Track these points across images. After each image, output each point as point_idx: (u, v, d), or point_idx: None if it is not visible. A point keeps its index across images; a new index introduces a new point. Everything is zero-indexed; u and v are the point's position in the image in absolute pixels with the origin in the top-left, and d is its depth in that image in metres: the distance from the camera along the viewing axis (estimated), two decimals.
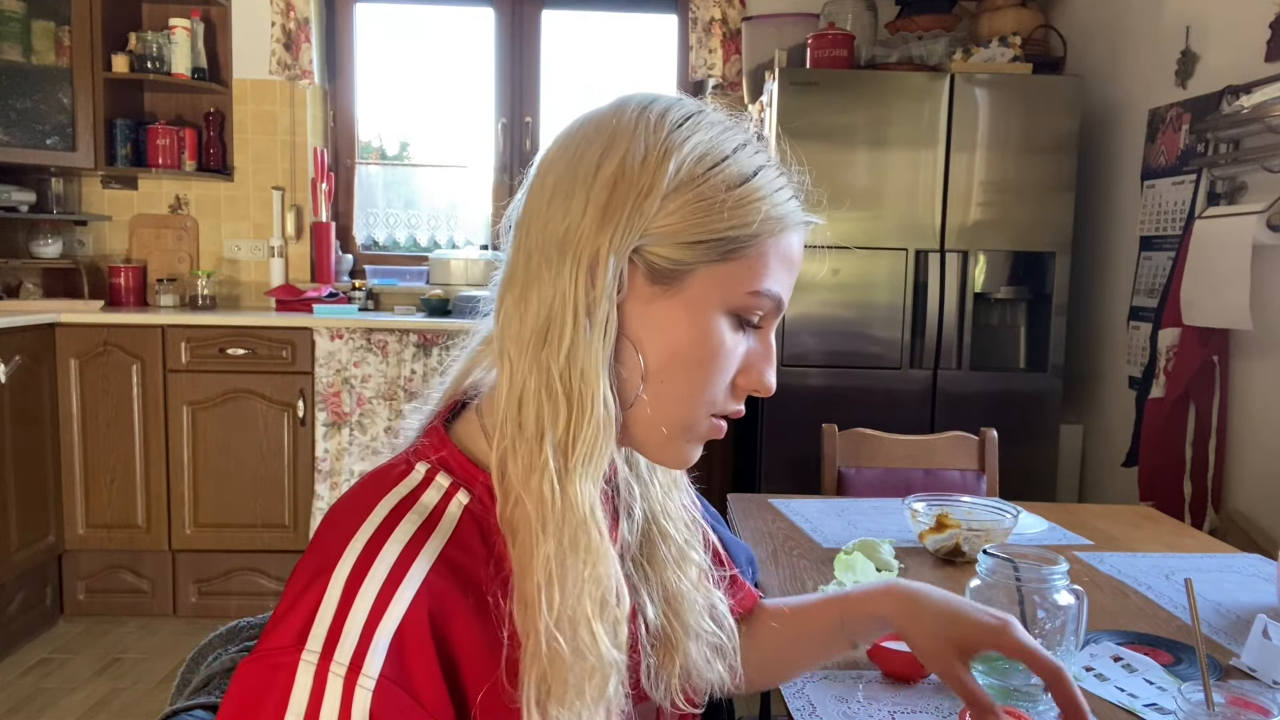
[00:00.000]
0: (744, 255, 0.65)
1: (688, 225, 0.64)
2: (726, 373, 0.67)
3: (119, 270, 3.46)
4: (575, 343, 0.63)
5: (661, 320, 0.65)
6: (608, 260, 0.63)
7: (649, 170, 0.64)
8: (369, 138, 3.90)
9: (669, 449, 0.69)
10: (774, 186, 0.68)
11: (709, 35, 3.57)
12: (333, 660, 0.55)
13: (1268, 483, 2.32)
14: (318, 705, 0.55)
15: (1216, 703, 0.79)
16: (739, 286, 0.65)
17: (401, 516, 0.62)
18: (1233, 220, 2.32)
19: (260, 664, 0.57)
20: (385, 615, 0.57)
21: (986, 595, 0.98)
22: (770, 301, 0.67)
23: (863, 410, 2.81)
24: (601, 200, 0.63)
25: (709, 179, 0.64)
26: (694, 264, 0.64)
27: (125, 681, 2.69)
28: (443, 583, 0.60)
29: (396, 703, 0.56)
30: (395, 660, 0.56)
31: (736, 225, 0.64)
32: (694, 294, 0.65)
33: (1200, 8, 2.63)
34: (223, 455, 3.13)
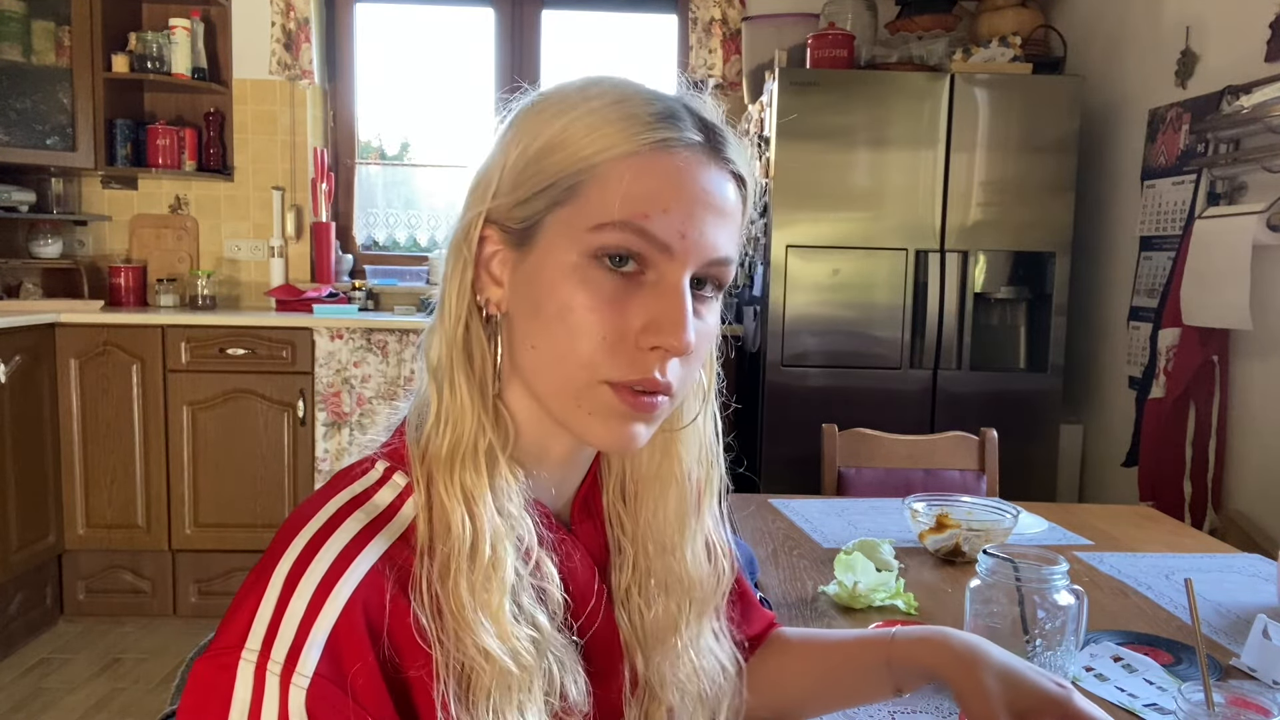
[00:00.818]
0: (587, 191, 0.60)
1: (524, 176, 0.61)
2: (594, 326, 0.59)
3: (119, 270, 3.46)
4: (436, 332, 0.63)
5: (522, 283, 0.62)
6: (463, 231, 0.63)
7: (500, 148, 0.64)
8: (369, 138, 3.90)
9: (576, 423, 0.62)
10: (612, 114, 0.60)
11: (709, 35, 3.57)
12: (269, 659, 0.55)
13: (1268, 483, 2.32)
14: (258, 705, 0.54)
15: (1216, 703, 0.79)
16: (583, 223, 0.59)
17: (348, 515, 0.60)
18: (1233, 220, 2.32)
19: (208, 663, 0.57)
20: (321, 614, 0.56)
21: (986, 595, 0.98)
22: (633, 235, 0.59)
23: (863, 410, 2.81)
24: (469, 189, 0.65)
25: (546, 128, 0.61)
26: (538, 214, 0.61)
27: (125, 681, 2.69)
28: (383, 581, 0.58)
29: (332, 701, 0.55)
30: (330, 658, 0.55)
31: (567, 161, 0.60)
32: (544, 246, 0.61)
33: (1200, 8, 2.63)
34: (223, 455, 3.13)
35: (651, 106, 0.61)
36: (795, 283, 2.88)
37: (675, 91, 0.64)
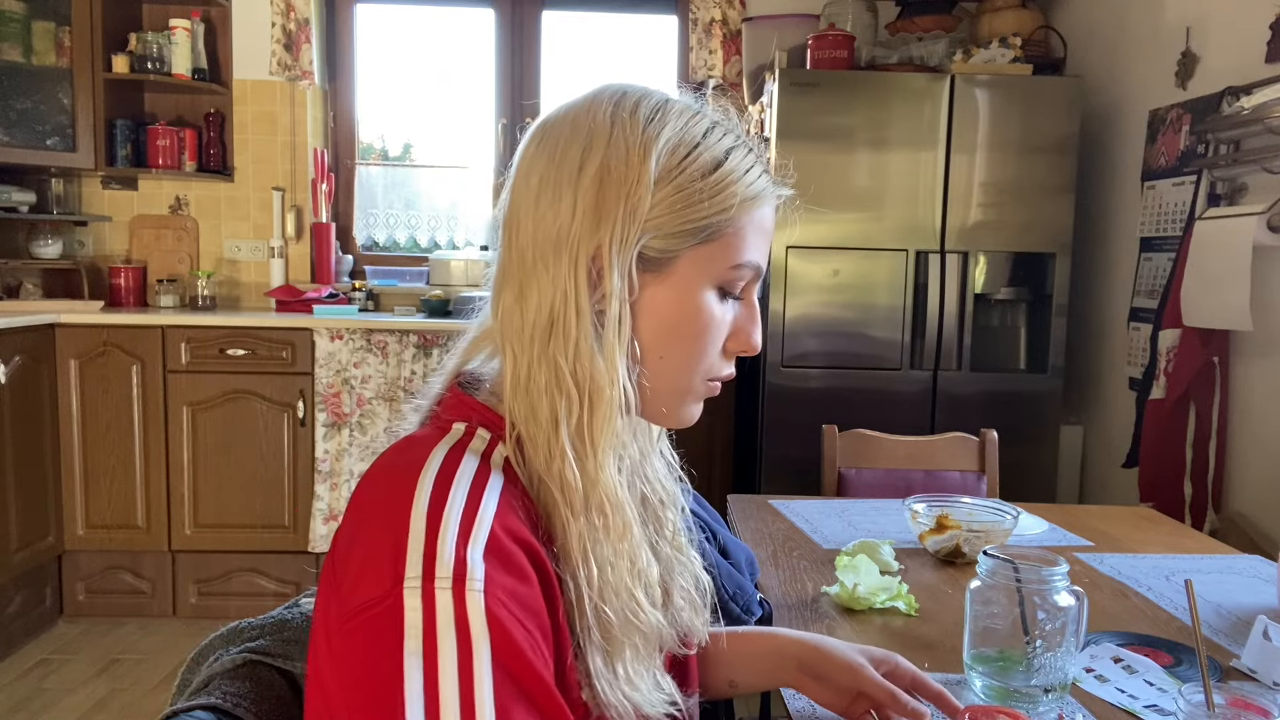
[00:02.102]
0: (723, 234, 0.70)
1: (672, 216, 0.68)
2: (718, 341, 0.73)
3: (119, 271, 3.46)
4: (581, 339, 0.67)
5: (654, 304, 0.70)
6: (610, 260, 0.66)
7: (633, 168, 0.67)
8: (370, 138, 3.90)
9: (672, 415, 0.75)
10: (744, 167, 0.71)
11: (709, 36, 3.57)
12: (436, 578, 0.57)
13: (1268, 484, 2.32)
14: (432, 621, 0.56)
15: (1217, 704, 0.79)
16: (722, 263, 0.70)
17: (462, 454, 0.65)
18: (1233, 221, 2.32)
19: (362, 618, 0.57)
20: (474, 533, 0.59)
21: (986, 596, 0.98)
22: (750, 271, 0.73)
23: (863, 411, 2.81)
24: (590, 200, 0.67)
25: (685, 169, 0.68)
26: (679, 250, 0.69)
27: (125, 682, 2.69)
28: (513, 508, 0.64)
29: (508, 603, 0.58)
30: (495, 565, 0.59)
31: (715, 210, 0.69)
32: (681, 276, 0.70)
33: (1200, 8, 2.63)
34: (223, 456, 3.13)
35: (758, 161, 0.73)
36: (795, 284, 2.88)
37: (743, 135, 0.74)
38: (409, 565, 0.57)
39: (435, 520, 0.59)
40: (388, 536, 0.59)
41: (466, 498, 0.61)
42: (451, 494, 0.61)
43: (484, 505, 0.61)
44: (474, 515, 0.60)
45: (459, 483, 0.62)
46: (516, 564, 0.60)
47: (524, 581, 0.60)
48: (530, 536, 0.63)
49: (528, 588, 0.60)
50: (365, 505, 0.63)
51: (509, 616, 0.58)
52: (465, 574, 0.57)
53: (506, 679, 0.56)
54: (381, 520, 0.60)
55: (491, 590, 0.57)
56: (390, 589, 0.57)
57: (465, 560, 0.57)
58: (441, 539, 0.58)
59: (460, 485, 0.62)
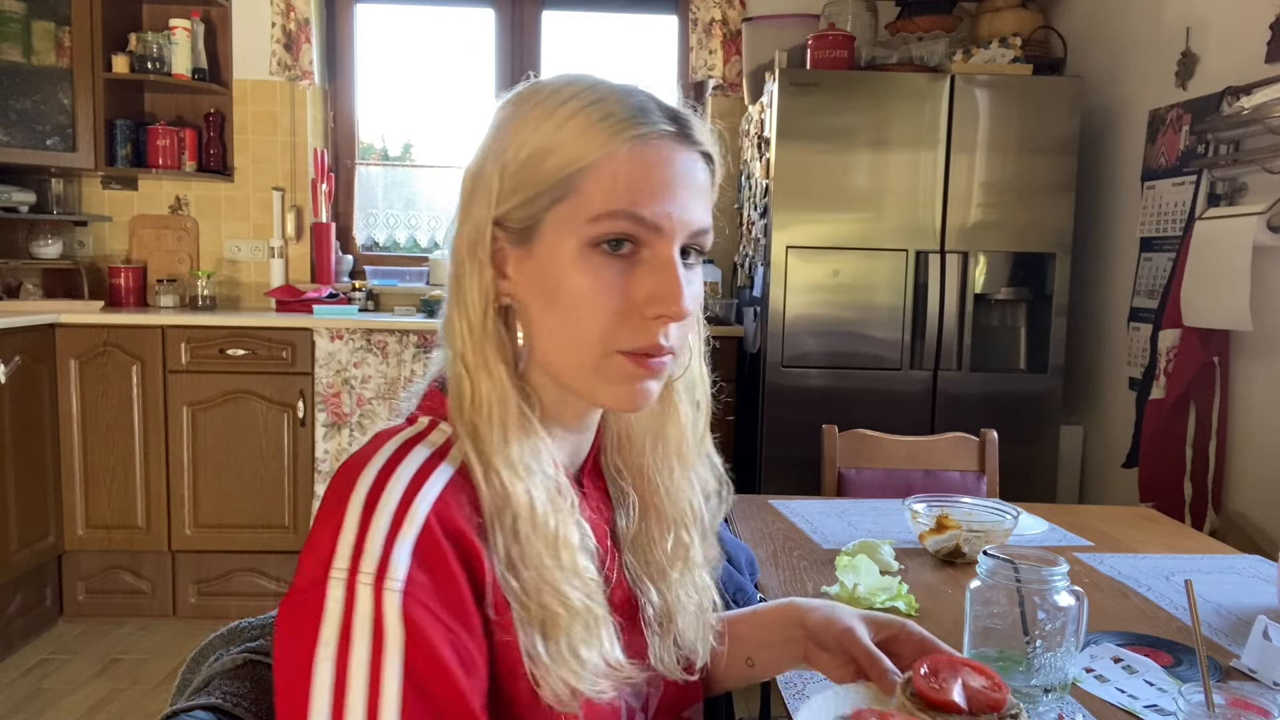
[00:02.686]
0: (581, 187, 0.66)
1: (524, 182, 0.68)
2: (604, 306, 0.67)
3: (119, 271, 3.46)
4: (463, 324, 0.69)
5: (531, 276, 0.69)
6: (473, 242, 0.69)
7: (495, 151, 0.69)
8: (370, 138, 3.90)
9: (595, 392, 0.70)
10: (594, 115, 0.67)
11: (709, 36, 3.57)
12: (359, 572, 0.58)
13: (1268, 484, 2.32)
14: (350, 614, 0.58)
15: (1217, 704, 0.79)
16: (582, 217, 0.66)
17: (412, 448, 0.66)
18: (1233, 221, 2.32)
19: (294, 600, 0.60)
20: (404, 526, 0.60)
21: (986, 596, 0.98)
22: (628, 221, 0.66)
23: (863, 411, 2.81)
24: (465, 196, 0.71)
25: (536, 134, 0.68)
26: (539, 214, 0.68)
27: (125, 682, 2.69)
28: (455, 502, 0.64)
29: (425, 602, 0.59)
30: (419, 565, 0.60)
31: (562, 164, 0.67)
32: (548, 241, 0.68)
33: (1200, 8, 2.63)
34: (222, 456, 3.13)
35: (627, 104, 0.68)
36: (795, 283, 2.88)
37: (641, 86, 0.71)
38: (337, 556, 0.59)
39: (369, 512, 0.61)
40: (328, 526, 0.61)
41: (404, 490, 0.62)
42: (390, 486, 0.62)
43: (421, 497, 0.62)
44: (408, 508, 0.61)
45: (399, 475, 0.63)
46: (443, 561, 0.61)
47: (449, 579, 0.61)
48: (466, 528, 0.63)
49: (453, 585, 0.61)
50: (327, 493, 0.65)
51: (426, 617, 0.59)
52: (387, 571, 0.58)
53: (413, 682, 0.58)
54: (326, 510, 0.62)
55: (411, 590, 0.59)
56: (320, 577, 0.59)
57: (390, 557, 0.59)
58: (371, 533, 0.60)
59: (400, 477, 0.63)
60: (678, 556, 0.80)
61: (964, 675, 0.74)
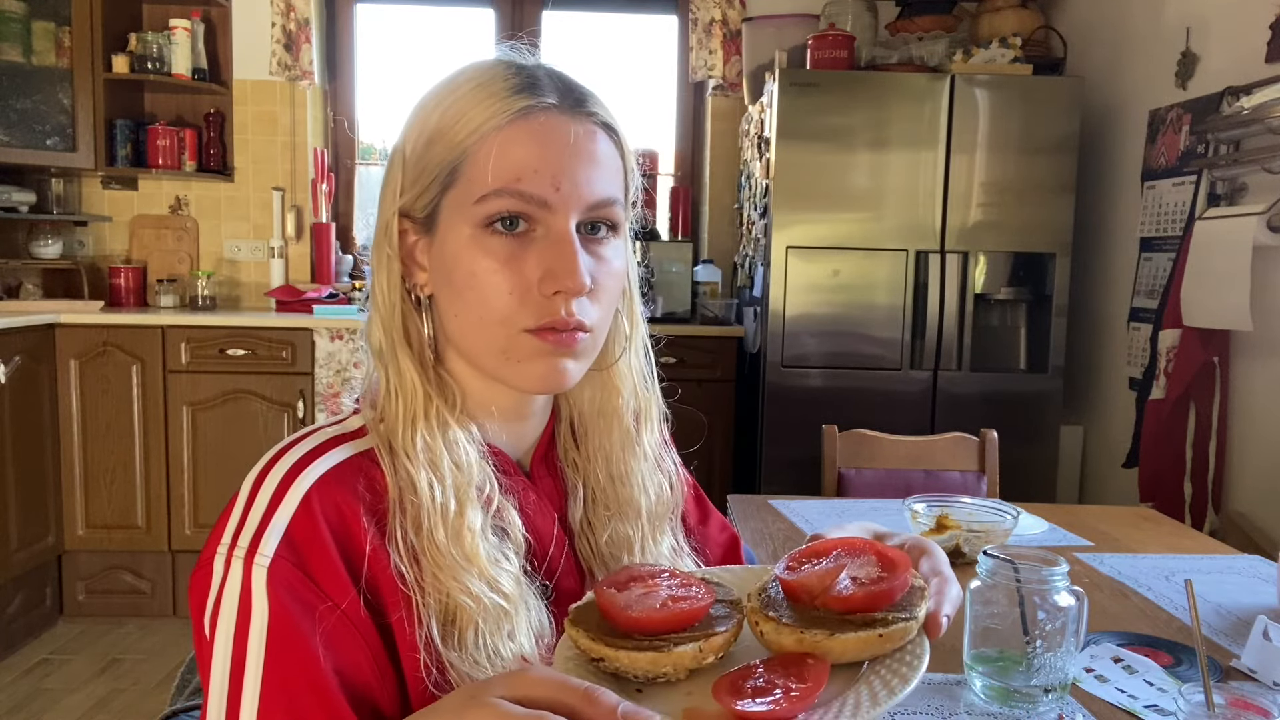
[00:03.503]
0: (466, 171, 0.67)
1: (422, 172, 0.69)
2: (500, 286, 0.66)
3: (119, 271, 3.46)
4: (372, 315, 0.71)
5: (435, 264, 0.70)
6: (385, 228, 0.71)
7: (398, 145, 0.71)
8: (370, 138, 3.90)
9: (507, 374, 0.70)
10: (473, 99, 0.67)
11: (709, 36, 3.57)
12: (235, 547, 0.62)
13: (1268, 484, 2.32)
14: (222, 585, 0.61)
15: (1217, 704, 0.79)
16: (469, 200, 0.66)
17: (315, 432, 0.69)
18: (1233, 221, 2.32)
19: (195, 573, 0.65)
20: (281, 505, 0.63)
21: (986, 596, 0.98)
22: (511, 198, 0.65)
23: (863, 411, 2.81)
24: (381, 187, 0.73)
25: (427, 124, 0.69)
26: (434, 201, 0.69)
27: (125, 682, 2.69)
28: (347, 480, 0.65)
29: (289, 579, 0.61)
30: (289, 543, 0.62)
31: (446, 150, 0.67)
32: (444, 227, 0.69)
33: (1200, 8, 2.63)
34: (222, 456, 3.13)
35: (509, 81, 0.67)
36: (795, 284, 2.88)
37: (533, 61, 0.71)
38: (225, 533, 0.63)
39: (255, 490, 0.64)
40: (231, 502, 0.65)
41: (290, 468, 0.64)
42: (277, 465, 0.65)
43: (306, 474, 0.64)
44: (289, 485, 0.63)
45: (292, 454, 0.66)
46: (316, 537, 0.62)
47: (321, 553, 0.62)
48: (349, 504, 0.64)
49: (325, 559, 0.62)
50: None
51: (291, 590, 0.60)
52: (257, 548, 0.61)
53: (274, 652, 0.59)
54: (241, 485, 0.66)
55: (278, 564, 0.61)
56: (211, 550, 0.63)
57: (263, 532, 0.62)
58: (253, 509, 0.63)
59: (291, 456, 0.65)
60: (622, 547, 0.79)
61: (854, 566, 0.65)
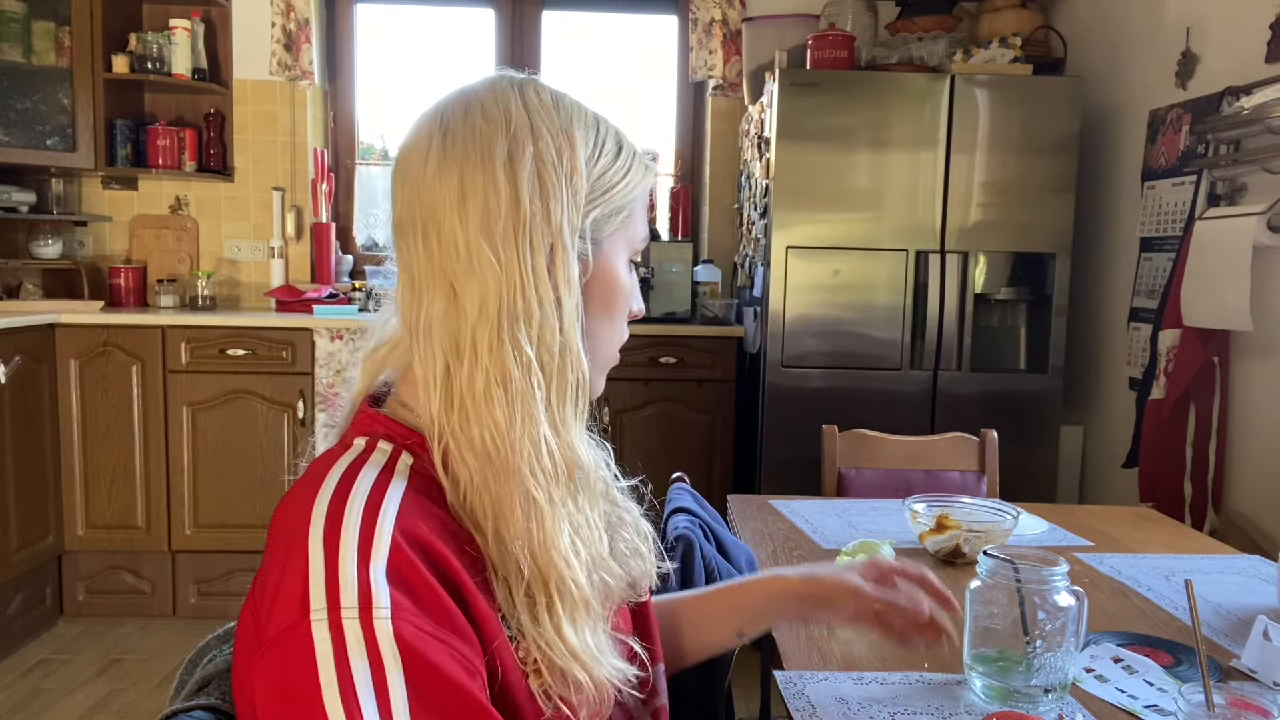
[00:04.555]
0: (631, 209, 0.77)
1: (601, 198, 0.74)
2: (627, 310, 0.79)
3: (119, 271, 3.46)
4: (545, 325, 0.68)
5: (592, 283, 0.74)
6: (564, 243, 0.69)
7: (565, 154, 0.71)
8: (370, 138, 3.90)
9: (600, 382, 0.78)
10: (630, 151, 0.77)
11: (709, 36, 3.57)
12: (342, 609, 0.57)
13: (1268, 484, 2.32)
14: (344, 652, 0.56)
15: (1217, 704, 0.79)
16: (634, 236, 0.78)
17: (359, 470, 0.66)
18: (1233, 221, 2.32)
19: (273, 652, 0.57)
20: (373, 553, 0.59)
21: (987, 596, 0.98)
22: (646, 241, 0.81)
23: (863, 411, 2.81)
24: (534, 188, 0.69)
25: (601, 154, 0.74)
26: (608, 228, 0.75)
27: (125, 682, 2.69)
28: (415, 513, 0.64)
29: (415, 623, 0.58)
30: (398, 588, 0.59)
31: (628, 189, 0.76)
32: (608, 253, 0.75)
33: (1200, 8, 2.63)
34: (223, 456, 3.13)
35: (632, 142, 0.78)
36: (795, 284, 2.88)
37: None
38: (313, 597, 0.57)
39: (333, 545, 0.59)
40: (293, 565, 0.59)
41: (363, 514, 0.61)
42: (347, 513, 0.61)
43: (382, 516, 0.61)
44: (372, 531, 0.60)
45: (354, 499, 0.62)
46: (418, 576, 0.60)
47: (429, 592, 0.60)
48: (432, 537, 0.63)
49: (433, 596, 0.60)
50: (275, 533, 0.63)
51: (419, 635, 0.58)
52: (371, 602, 0.57)
53: (421, 700, 0.57)
54: (285, 548, 0.61)
55: (399, 614, 0.58)
56: (298, 620, 0.57)
57: (369, 586, 0.58)
58: (342, 565, 0.58)
59: (355, 502, 0.62)
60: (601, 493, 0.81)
61: None
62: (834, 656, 1.08)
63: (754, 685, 1.04)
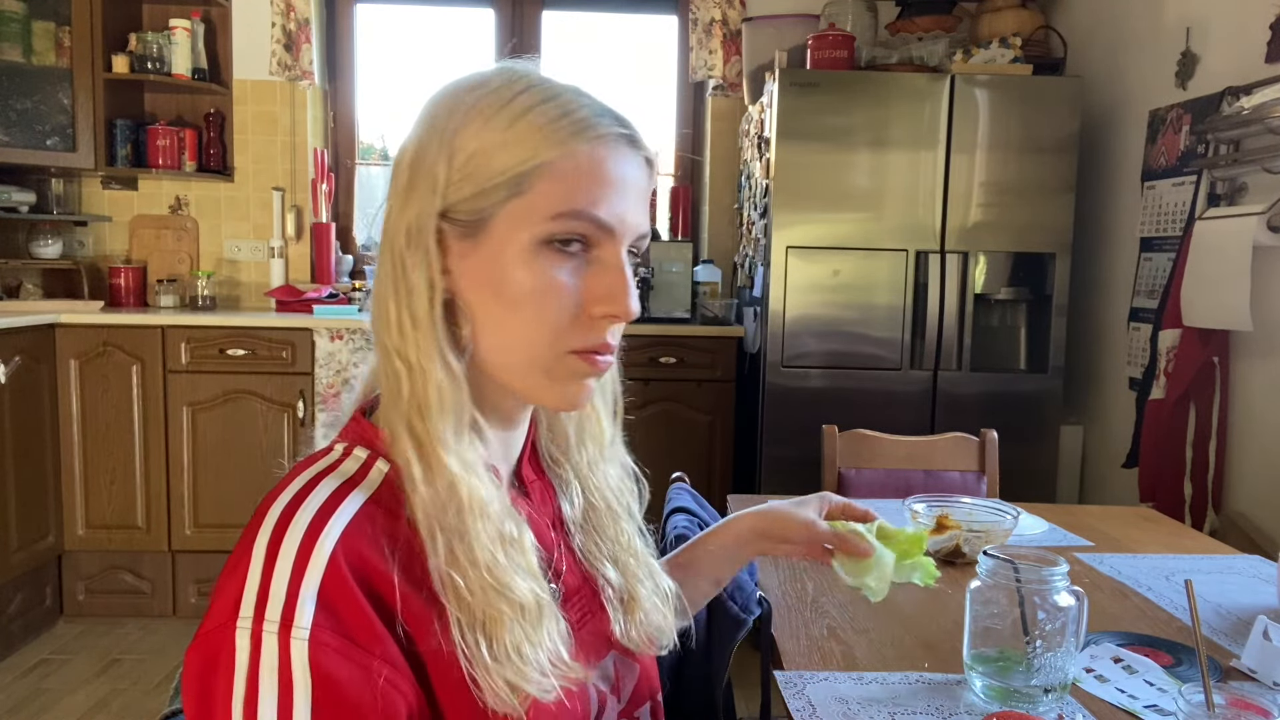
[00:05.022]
0: (537, 185, 0.66)
1: (475, 174, 0.67)
2: (558, 305, 0.67)
3: (119, 271, 3.46)
4: (401, 318, 0.67)
5: (478, 270, 0.68)
6: (415, 233, 0.67)
7: (438, 141, 0.68)
8: (370, 138, 3.90)
9: (538, 393, 0.71)
10: (551, 114, 0.67)
11: (709, 36, 3.57)
12: (264, 620, 0.57)
13: (1268, 484, 2.32)
14: (257, 665, 0.56)
15: (1217, 704, 0.79)
16: (538, 214, 0.66)
17: (319, 481, 0.65)
18: (1233, 221, 2.32)
19: (200, 646, 0.58)
20: (309, 568, 0.59)
21: (987, 596, 0.98)
22: (586, 222, 0.67)
23: (863, 411, 2.81)
24: (403, 182, 0.69)
25: (487, 127, 0.67)
26: (491, 208, 0.67)
27: (125, 682, 2.69)
28: (365, 530, 0.62)
29: (334, 647, 0.58)
30: (324, 608, 0.58)
31: (518, 160, 0.66)
32: (499, 236, 0.67)
33: (1200, 8, 2.63)
34: (222, 456, 3.13)
35: (583, 104, 0.68)
36: (795, 284, 2.88)
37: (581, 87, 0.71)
38: (244, 603, 0.58)
39: (273, 555, 0.59)
40: (237, 568, 0.60)
41: (307, 528, 0.60)
42: (292, 525, 0.61)
43: (325, 534, 0.60)
44: (311, 546, 0.59)
45: (304, 511, 0.62)
46: (350, 597, 0.59)
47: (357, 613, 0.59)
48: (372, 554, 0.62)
49: (361, 617, 0.59)
50: (246, 528, 0.64)
51: (335, 659, 0.57)
52: (293, 619, 0.57)
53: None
54: (238, 551, 0.61)
55: (316, 635, 0.57)
56: (225, 622, 0.58)
57: (295, 602, 0.57)
58: (276, 576, 0.58)
59: (304, 514, 0.61)
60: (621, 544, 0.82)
61: None
62: (834, 656, 1.08)
63: (754, 685, 1.04)
